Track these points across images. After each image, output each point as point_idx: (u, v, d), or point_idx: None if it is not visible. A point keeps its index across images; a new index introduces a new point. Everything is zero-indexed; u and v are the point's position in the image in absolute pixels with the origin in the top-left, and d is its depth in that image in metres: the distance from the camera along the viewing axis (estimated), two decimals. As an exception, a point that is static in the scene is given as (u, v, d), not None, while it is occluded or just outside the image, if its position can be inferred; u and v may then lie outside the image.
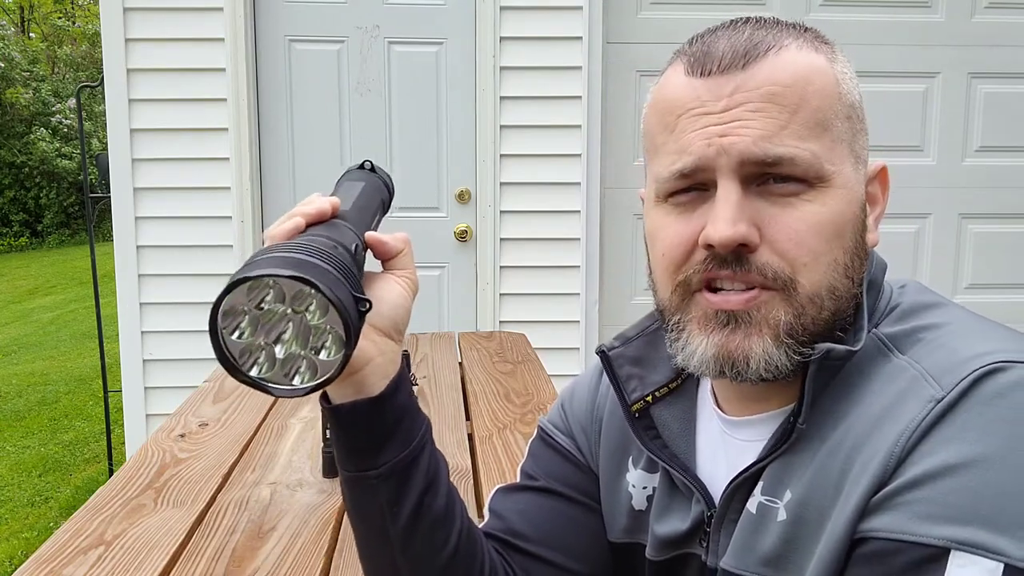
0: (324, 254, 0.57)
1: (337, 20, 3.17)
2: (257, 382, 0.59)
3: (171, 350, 3.15)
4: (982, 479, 0.53)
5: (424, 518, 0.71)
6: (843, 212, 0.62)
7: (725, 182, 0.61)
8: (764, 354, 0.62)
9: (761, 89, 0.61)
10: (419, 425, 0.71)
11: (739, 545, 0.66)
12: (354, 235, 0.64)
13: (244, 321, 0.59)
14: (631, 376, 0.77)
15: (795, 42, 0.63)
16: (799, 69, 0.62)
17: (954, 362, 0.58)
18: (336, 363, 0.57)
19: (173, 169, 3.10)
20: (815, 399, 0.63)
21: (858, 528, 0.57)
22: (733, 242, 0.61)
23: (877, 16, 3.25)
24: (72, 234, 12.35)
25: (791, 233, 0.61)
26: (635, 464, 0.79)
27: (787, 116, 0.61)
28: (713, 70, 0.62)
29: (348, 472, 0.70)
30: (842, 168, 0.62)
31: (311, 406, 1.86)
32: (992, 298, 3.35)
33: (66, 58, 15.47)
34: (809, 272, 0.61)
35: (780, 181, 0.61)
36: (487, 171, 3.17)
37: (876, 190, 0.68)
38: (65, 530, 1.25)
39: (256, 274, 0.55)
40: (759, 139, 0.60)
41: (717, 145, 0.61)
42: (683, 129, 0.63)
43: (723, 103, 0.62)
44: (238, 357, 0.59)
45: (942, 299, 0.67)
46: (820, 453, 0.62)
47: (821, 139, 0.61)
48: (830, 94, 0.62)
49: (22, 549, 3.27)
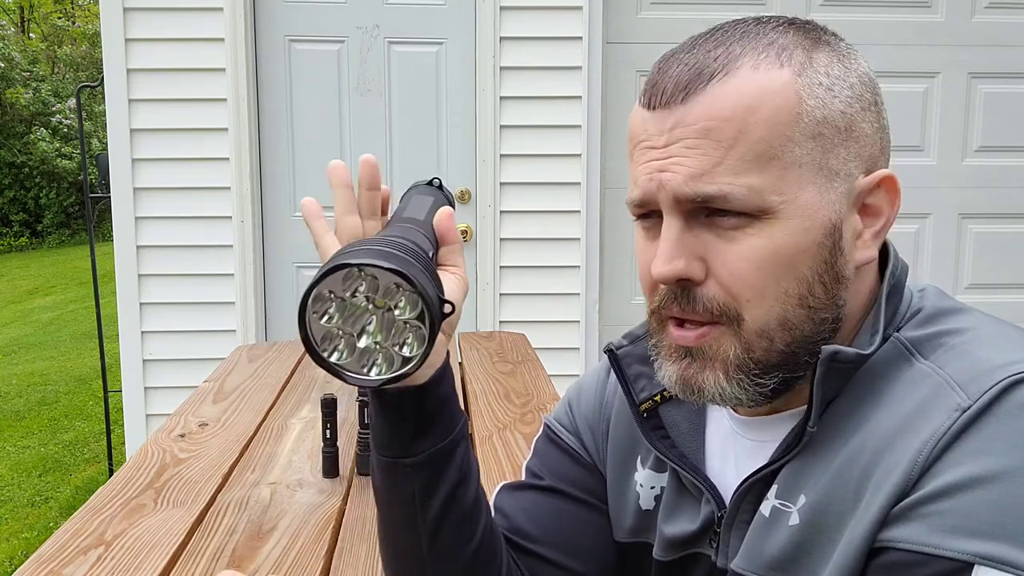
0: (414, 254, 0.60)
1: (337, 20, 3.17)
2: (334, 367, 0.61)
3: (171, 350, 3.15)
4: (1009, 493, 0.52)
5: (454, 511, 0.71)
6: (795, 243, 0.60)
7: (667, 217, 0.62)
8: (716, 386, 0.63)
9: (697, 125, 0.60)
10: (459, 418, 0.72)
11: (750, 547, 0.65)
12: (429, 243, 0.67)
13: (332, 307, 0.60)
14: (639, 375, 0.77)
15: (752, 60, 0.61)
16: (741, 98, 0.59)
17: (980, 371, 0.57)
18: (415, 359, 0.60)
19: (173, 169, 3.10)
20: (832, 402, 0.63)
21: (878, 537, 0.56)
22: (671, 278, 0.62)
23: (877, 16, 3.25)
24: (72, 234, 12.34)
25: (732, 268, 0.61)
26: (643, 464, 0.78)
27: (722, 152, 0.59)
28: (657, 104, 0.62)
29: (385, 457, 0.70)
30: (798, 195, 0.60)
31: (311, 406, 1.86)
32: (992, 298, 3.35)
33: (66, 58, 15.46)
34: (753, 308, 0.61)
35: (723, 215, 0.61)
36: (487, 171, 3.17)
37: (879, 201, 0.65)
38: (65, 530, 1.25)
39: (357, 262, 0.57)
40: (689, 178, 0.60)
41: (657, 180, 0.62)
42: (636, 160, 0.65)
43: (664, 138, 0.62)
44: (320, 341, 0.61)
45: (962, 304, 0.67)
46: (839, 458, 0.61)
47: (765, 170, 0.59)
48: (782, 120, 0.60)
49: (22, 549, 3.27)
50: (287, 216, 3.25)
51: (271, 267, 3.27)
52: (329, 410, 1.47)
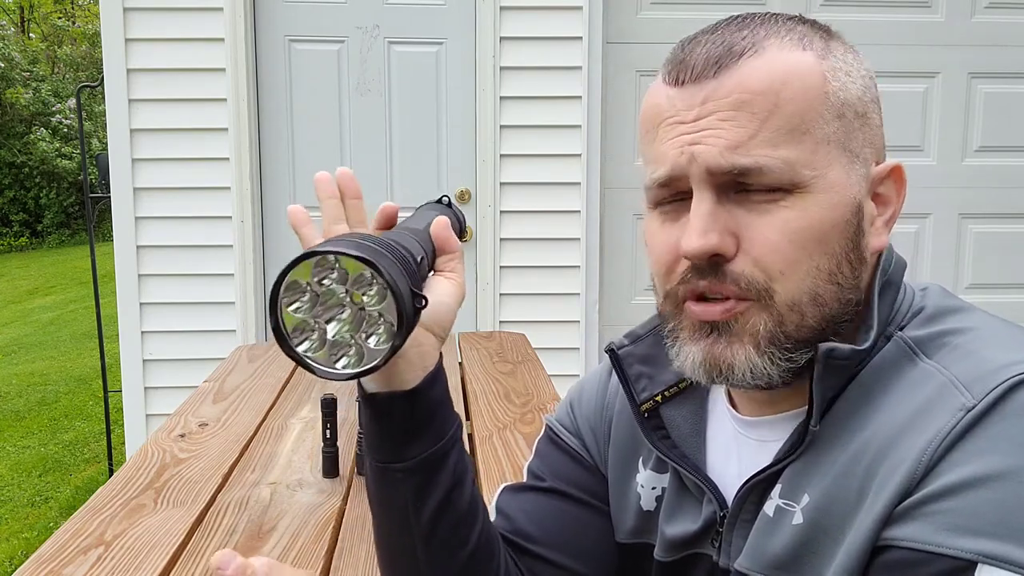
0: (391, 249, 0.60)
1: (337, 20, 3.17)
2: (303, 359, 0.61)
3: (171, 350, 3.16)
4: (1013, 492, 0.52)
5: (448, 515, 0.71)
6: (826, 217, 0.61)
7: (698, 191, 0.61)
8: (747, 362, 0.62)
9: (731, 97, 0.60)
10: (451, 423, 0.71)
11: (754, 547, 0.65)
12: (421, 248, 0.67)
13: (304, 297, 0.61)
14: (641, 375, 0.76)
15: (777, 41, 0.62)
16: (773, 73, 0.61)
17: (985, 370, 0.57)
18: (383, 352, 0.59)
19: (173, 169, 3.10)
20: (834, 401, 0.63)
21: (881, 536, 0.56)
22: (705, 253, 0.61)
23: (877, 16, 3.25)
24: (72, 234, 12.34)
25: (766, 241, 0.61)
26: (644, 465, 0.78)
27: (757, 124, 0.60)
28: (687, 79, 0.62)
29: (376, 463, 0.70)
30: (826, 172, 0.61)
31: (311, 406, 1.86)
32: (992, 298, 3.34)
33: (66, 58, 15.46)
34: (786, 280, 0.61)
35: (756, 189, 0.61)
36: (487, 171, 3.17)
37: (888, 191, 0.66)
38: (65, 530, 1.25)
39: (324, 250, 0.57)
40: (725, 149, 0.60)
41: (689, 154, 0.61)
42: (660, 138, 0.64)
43: (695, 112, 0.62)
44: (291, 332, 0.61)
45: (965, 303, 0.67)
46: (842, 458, 0.61)
47: (799, 144, 0.60)
48: (811, 95, 0.61)
49: (22, 549, 3.27)
50: (287, 216, 3.25)
51: (271, 267, 3.28)
52: (329, 410, 1.47)
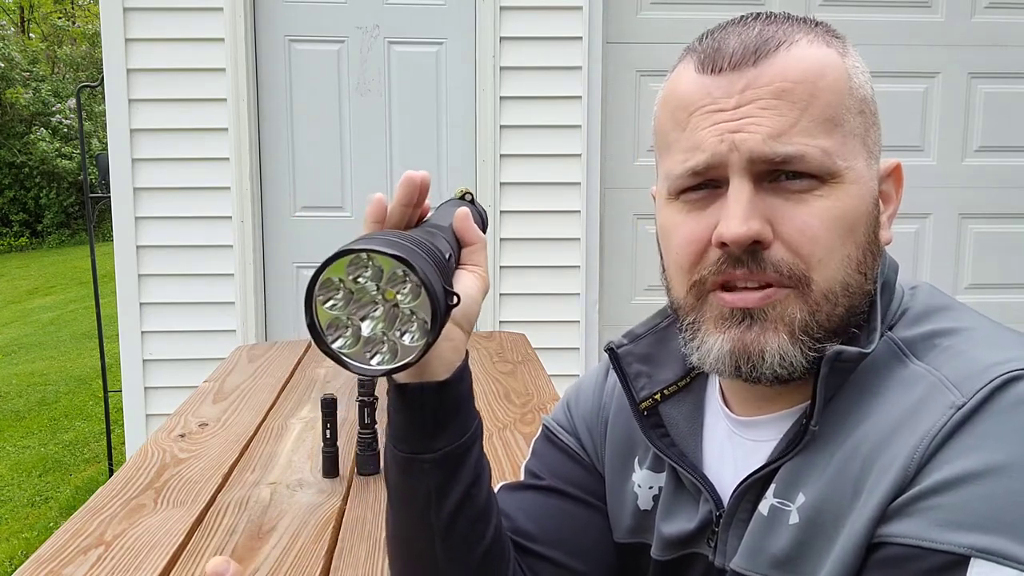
0: (423, 247, 0.61)
1: (337, 20, 3.17)
2: (338, 355, 0.61)
3: (171, 350, 3.16)
4: (1004, 487, 0.52)
5: (468, 510, 0.71)
6: (856, 207, 0.62)
7: (737, 179, 0.61)
8: (779, 350, 0.62)
9: (772, 86, 0.61)
10: (475, 417, 0.72)
11: (750, 546, 0.66)
12: (448, 246, 0.68)
13: (339, 295, 0.61)
14: (640, 374, 0.77)
15: (806, 37, 0.63)
16: (810, 64, 0.61)
17: (974, 369, 0.58)
18: (417, 348, 0.60)
19: (173, 169, 3.10)
20: (829, 401, 0.63)
21: (876, 533, 0.57)
22: (747, 239, 0.60)
23: (877, 16, 3.25)
24: (72, 234, 12.35)
25: (804, 229, 0.61)
26: (641, 464, 0.79)
27: (798, 113, 0.61)
28: (724, 67, 0.62)
29: (402, 453, 0.70)
30: (854, 163, 0.62)
31: (311, 406, 1.86)
32: (992, 298, 3.35)
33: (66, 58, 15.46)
34: (823, 268, 0.61)
35: (792, 178, 0.61)
36: (487, 171, 3.17)
37: (890, 188, 0.68)
38: (65, 530, 1.25)
39: (360, 247, 0.58)
40: (768, 137, 0.60)
41: (729, 141, 0.61)
42: (695, 126, 0.63)
43: (735, 100, 0.61)
44: (325, 328, 0.61)
45: (955, 302, 0.67)
46: (836, 457, 0.61)
47: (833, 135, 0.61)
48: (841, 89, 0.62)
49: (22, 549, 3.27)
50: (287, 216, 3.25)
51: (271, 267, 3.27)
52: (329, 410, 1.47)
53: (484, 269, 0.71)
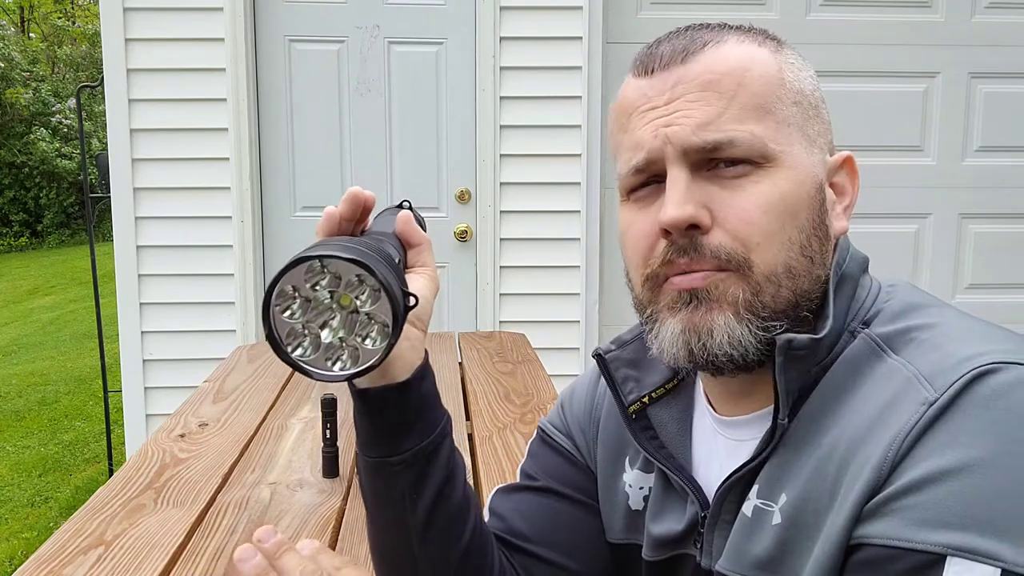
0: (377, 251, 0.61)
1: (337, 20, 3.17)
2: (298, 363, 0.61)
3: (171, 350, 3.15)
4: (977, 483, 0.52)
5: (443, 508, 0.72)
6: (794, 192, 0.63)
7: (673, 169, 0.64)
8: (726, 327, 0.63)
9: (699, 79, 0.64)
10: (441, 415, 0.73)
11: (734, 547, 0.66)
12: (396, 250, 0.69)
13: (296, 303, 0.61)
14: (627, 378, 0.77)
15: (735, 38, 0.66)
16: (737, 58, 0.64)
17: (947, 364, 0.57)
18: (379, 352, 0.60)
19: (173, 169, 3.10)
20: (806, 400, 0.64)
21: (853, 534, 0.57)
22: (683, 222, 0.62)
23: (877, 16, 3.25)
24: (72, 234, 12.34)
25: (741, 213, 0.62)
26: (631, 464, 0.79)
27: (725, 102, 0.63)
28: (656, 67, 0.66)
29: (370, 458, 0.71)
30: (790, 149, 0.64)
31: (311, 406, 1.86)
32: (992, 298, 3.35)
33: (66, 58, 15.46)
34: (762, 251, 0.62)
35: (728, 165, 0.63)
36: (487, 171, 3.17)
37: (843, 180, 0.70)
38: (65, 530, 1.25)
39: (318, 254, 0.58)
40: (698, 127, 0.63)
41: (663, 136, 0.64)
42: (635, 127, 0.66)
43: (666, 96, 0.65)
44: (284, 337, 0.61)
45: (934, 299, 0.67)
46: (815, 456, 0.62)
47: (763, 121, 0.63)
48: (771, 80, 0.64)
49: (22, 549, 3.27)
50: (287, 216, 3.25)
51: (271, 267, 3.27)
52: (329, 410, 1.47)
53: (432, 269, 0.73)
